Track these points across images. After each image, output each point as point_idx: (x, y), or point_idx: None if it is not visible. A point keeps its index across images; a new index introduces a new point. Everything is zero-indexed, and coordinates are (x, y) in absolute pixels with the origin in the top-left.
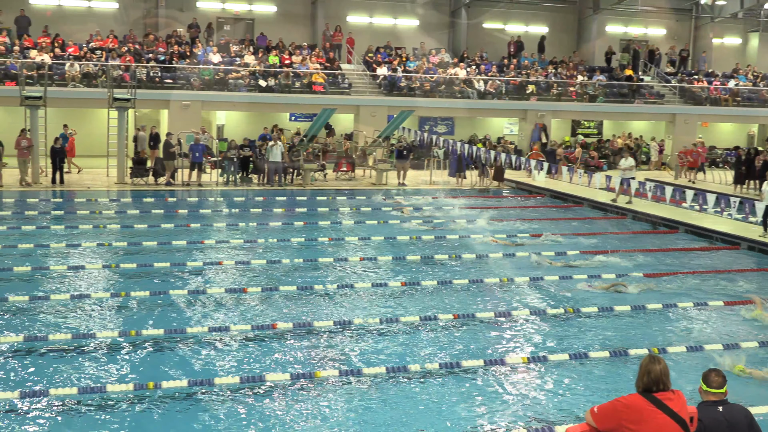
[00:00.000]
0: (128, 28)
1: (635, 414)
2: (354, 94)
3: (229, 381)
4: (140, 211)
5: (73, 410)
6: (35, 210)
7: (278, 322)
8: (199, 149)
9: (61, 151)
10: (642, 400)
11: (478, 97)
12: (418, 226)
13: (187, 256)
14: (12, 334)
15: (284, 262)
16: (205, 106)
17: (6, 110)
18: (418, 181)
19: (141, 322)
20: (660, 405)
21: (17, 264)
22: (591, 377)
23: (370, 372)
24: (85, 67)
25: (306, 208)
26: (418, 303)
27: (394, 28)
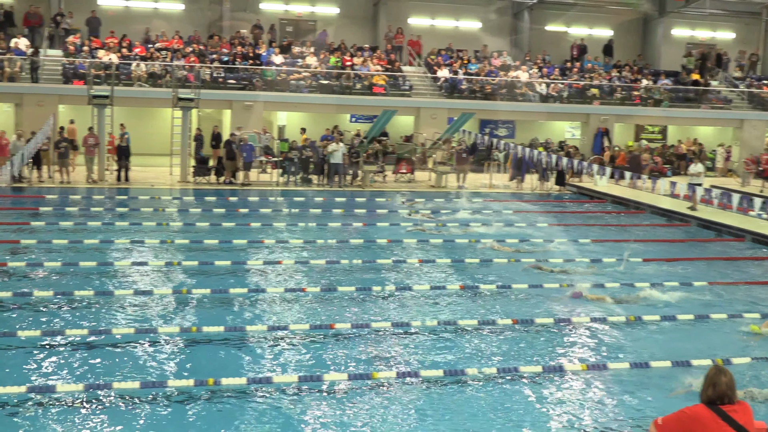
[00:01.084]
0: (193, 29)
1: (700, 426)
2: (414, 96)
3: (287, 380)
4: (202, 210)
5: (135, 404)
6: (101, 206)
7: (336, 323)
8: (246, 149)
9: (126, 149)
10: (707, 411)
11: (539, 101)
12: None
13: (247, 255)
14: (77, 328)
15: (343, 263)
16: (267, 106)
17: (74, 109)
18: (478, 184)
19: (202, 319)
20: (726, 418)
21: (83, 259)
22: (651, 386)
23: (428, 375)
24: (151, 67)
25: (365, 209)
26: (476, 306)
27: (456, 30)
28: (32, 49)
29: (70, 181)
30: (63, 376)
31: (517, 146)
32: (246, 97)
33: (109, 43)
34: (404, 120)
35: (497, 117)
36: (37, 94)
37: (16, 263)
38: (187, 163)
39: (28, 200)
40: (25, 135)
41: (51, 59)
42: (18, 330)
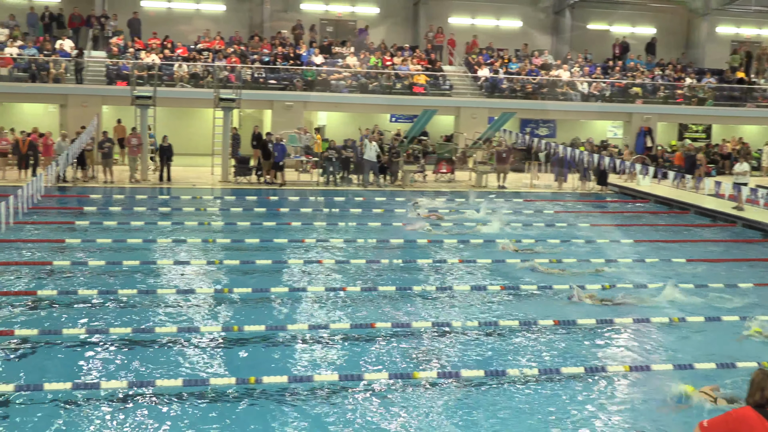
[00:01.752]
0: (234, 30)
1: (747, 428)
2: (455, 95)
3: (327, 378)
4: (243, 209)
5: (177, 401)
6: (143, 206)
7: (377, 322)
8: (278, 149)
9: (168, 149)
10: (754, 414)
11: (581, 100)
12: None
13: (287, 254)
14: (120, 327)
15: (383, 262)
16: (308, 106)
17: (117, 109)
18: (519, 184)
19: (243, 318)
20: None
21: (126, 258)
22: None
23: (469, 375)
24: (193, 67)
25: (405, 209)
26: (517, 307)
27: (497, 30)
28: (77, 50)
29: (114, 181)
30: (107, 374)
31: (558, 146)
32: (286, 97)
33: (151, 44)
34: (444, 120)
35: (538, 116)
36: (81, 95)
37: (60, 262)
38: (228, 163)
39: (73, 200)
40: (70, 135)
41: (95, 60)
42: (63, 328)
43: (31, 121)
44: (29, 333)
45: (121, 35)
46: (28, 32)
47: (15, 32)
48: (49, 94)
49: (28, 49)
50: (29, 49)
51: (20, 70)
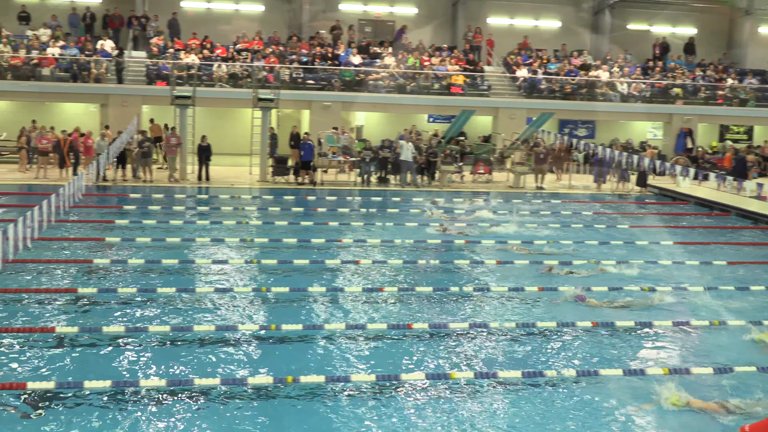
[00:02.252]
0: (273, 30)
1: None
2: (493, 96)
3: (365, 378)
4: (281, 209)
5: (215, 400)
6: (182, 205)
7: (414, 322)
8: (306, 148)
9: (207, 149)
10: None
11: (620, 100)
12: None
13: (325, 254)
14: (159, 325)
15: (420, 263)
16: (345, 106)
17: (155, 109)
18: (557, 185)
19: (281, 317)
20: None
21: (165, 257)
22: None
23: (505, 375)
24: (232, 68)
25: (442, 210)
26: (555, 309)
27: (536, 30)
28: (117, 50)
29: (153, 180)
30: (146, 372)
31: (597, 147)
32: (324, 97)
33: (191, 44)
34: (482, 120)
35: (577, 117)
36: (121, 94)
37: (101, 260)
38: (266, 162)
39: (113, 199)
40: (111, 135)
41: (135, 60)
42: (103, 325)
43: (73, 120)
44: (70, 330)
45: (162, 35)
46: (70, 33)
47: (57, 33)
48: (90, 94)
49: (70, 49)
50: (71, 49)
51: (62, 70)
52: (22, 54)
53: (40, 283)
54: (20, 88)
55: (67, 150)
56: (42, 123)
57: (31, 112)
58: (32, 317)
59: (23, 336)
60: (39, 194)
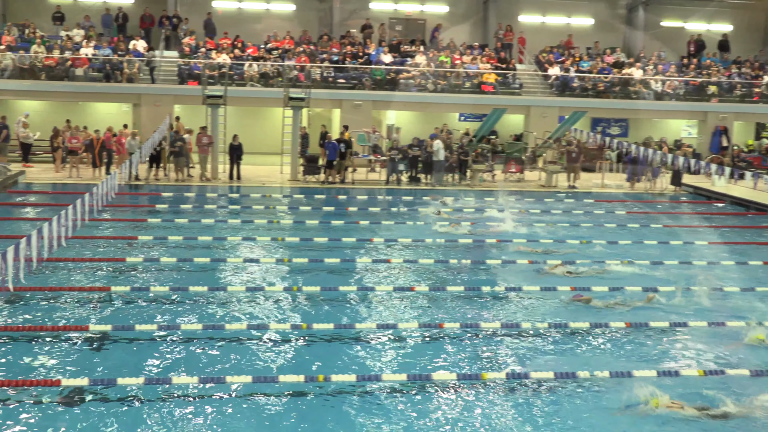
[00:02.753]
0: (304, 29)
1: None
2: (525, 94)
3: (396, 378)
4: (312, 208)
5: (246, 398)
6: (214, 204)
7: (445, 322)
8: (329, 147)
9: (238, 148)
10: None
11: (654, 98)
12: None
13: (356, 253)
14: (191, 323)
15: (452, 262)
16: (376, 105)
17: (188, 108)
18: (590, 184)
19: (312, 316)
20: None
21: (197, 255)
22: None
23: (538, 377)
24: (263, 67)
25: (473, 209)
26: (588, 309)
27: (568, 27)
28: (149, 50)
29: (185, 179)
30: (178, 370)
31: (630, 145)
32: (355, 96)
33: (222, 44)
34: (514, 118)
35: (610, 115)
36: (154, 94)
37: (133, 259)
38: (297, 161)
39: (145, 198)
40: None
41: (167, 60)
42: (135, 324)
43: (106, 120)
44: (103, 328)
45: (193, 35)
46: (103, 33)
47: (90, 33)
48: (122, 94)
49: (103, 49)
50: (104, 49)
51: (95, 70)
52: (56, 54)
53: (74, 281)
54: (54, 88)
55: (99, 149)
56: (75, 123)
57: (65, 111)
58: (66, 315)
59: (58, 334)
60: (73, 193)
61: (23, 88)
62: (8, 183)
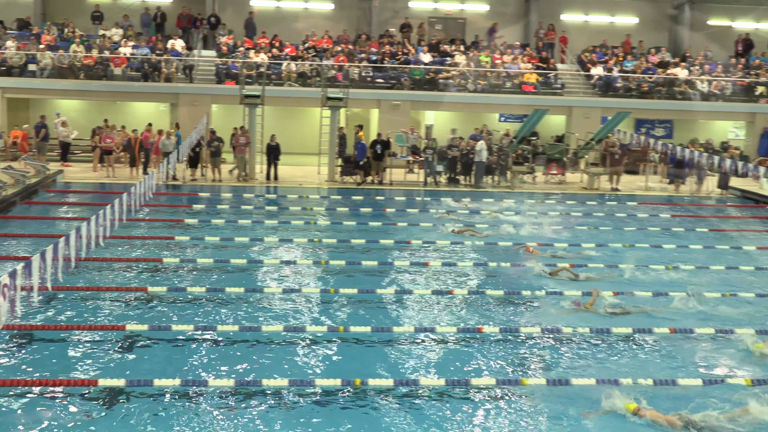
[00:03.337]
0: (342, 29)
1: None
2: (566, 94)
3: (434, 383)
4: (349, 209)
5: (283, 401)
6: (251, 204)
7: (484, 326)
8: (358, 148)
9: (276, 149)
10: None
11: (700, 99)
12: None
13: (394, 255)
14: (227, 324)
15: (491, 266)
16: (415, 105)
17: (226, 108)
18: (633, 187)
19: (349, 318)
20: None
21: (234, 256)
22: None
23: (579, 383)
24: (301, 66)
25: (513, 212)
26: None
27: (611, 26)
28: (187, 49)
29: (222, 180)
30: (214, 371)
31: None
32: (394, 96)
33: (260, 43)
34: (555, 119)
35: (654, 116)
36: (191, 94)
37: (170, 259)
38: (335, 162)
39: (183, 198)
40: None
41: (205, 59)
42: (171, 324)
43: (144, 119)
44: (140, 328)
45: (231, 34)
46: (142, 32)
47: (129, 32)
48: (160, 93)
49: (141, 48)
50: (142, 48)
51: (133, 69)
52: (95, 54)
53: (111, 281)
54: (92, 88)
55: (138, 149)
56: (113, 122)
57: (103, 111)
58: (104, 315)
59: (95, 333)
60: (110, 193)
61: (62, 87)
62: (47, 182)
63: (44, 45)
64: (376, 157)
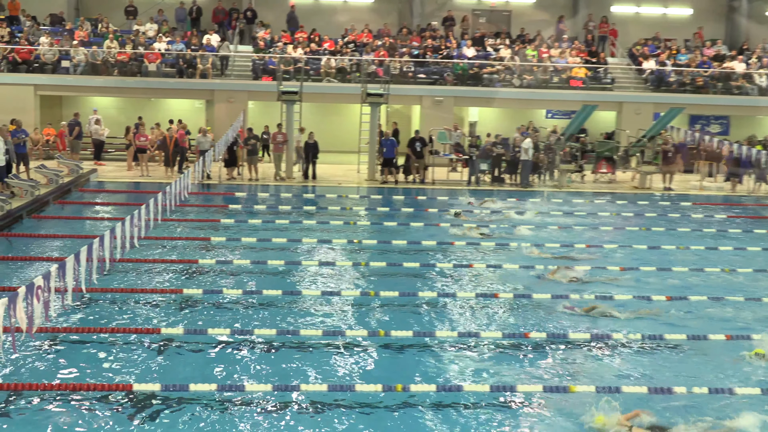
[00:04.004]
0: (383, 22)
1: None
2: (617, 89)
3: (478, 389)
4: (390, 209)
5: (321, 407)
6: (288, 205)
7: (531, 332)
8: (387, 145)
9: (314, 147)
10: None
11: (758, 94)
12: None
13: (436, 257)
14: (265, 328)
15: (538, 268)
16: (458, 102)
17: (262, 105)
18: (687, 186)
19: (389, 322)
20: None
21: (271, 258)
22: None
23: (630, 391)
24: (340, 62)
25: (561, 212)
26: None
27: (664, 18)
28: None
29: (259, 179)
30: (251, 376)
31: (732, 144)
32: (436, 92)
33: (298, 38)
34: (605, 116)
35: (709, 112)
36: (227, 90)
37: (206, 261)
38: (375, 160)
39: (219, 197)
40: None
41: (241, 55)
42: (207, 328)
43: (179, 117)
44: (175, 332)
45: (268, 29)
46: (177, 27)
47: (164, 27)
48: (195, 90)
49: (176, 44)
50: (177, 44)
51: (168, 65)
52: (129, 49)
53: (146, 283)
54: (126, 84)
55: (172, 147)
56: (147, 120)
57: (137, 108)
58: (138, 317)
59: (129, 337)
60: (144, 192)
61: (95, 84)
62: (80, 182)
63: (77, 41)
64: (416, 155)
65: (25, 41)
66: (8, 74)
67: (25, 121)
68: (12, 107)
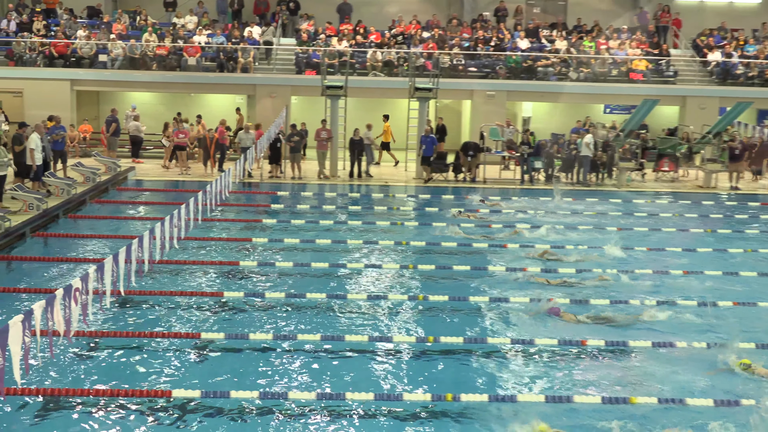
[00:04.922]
0: (431, 13)
1: None
2: (680, 83)
3: (533, 399)
4: (438, 209)
5: (368, 417)
6: (333, 204)
7: (588, 339)
8: (426, 142)
9: (360, 144)
10: None
11: None
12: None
13: (487, 260)
14: (308, 333)
15: (595, 272)
16: (511, 96)
17: (305, 100)
18: (756, 186)
19: (439, 328)
20: None
21: (315, 260)
22: None
23: (695, 403)
24: (387, 54)
25: (620, 212)
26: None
27: (730, 7)
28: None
29: (302, 177)
30: (294, 383)
31: None
32: (488, 86)
33: (343, 30)
34: (667, 110)
35: None
36: (269, 85)
37: (247, 262)
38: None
39: (260, 196)
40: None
41: (284, 48)
42: (249, 332)
43: (219, 112)
44: (216, 336)
45: (312, 21)
46: (217, 19)
47: (204, 20)
48: (236, 85)
49: (217, 37)
50: (217, 37)
51: (208, 59)
52: (168, 43)
53: (186, 285)
54: (165, 79)
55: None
56: (186, 116)
57: (176, 104)
58: (178, 321)
59: (169, 341)
60: (183, 191)
61: (134, 79)
62: (118, 180)
63: (115, 34)
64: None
65: (62, 35)
66: (45, 69)
67: (62, 118)
68: (48, 103)
